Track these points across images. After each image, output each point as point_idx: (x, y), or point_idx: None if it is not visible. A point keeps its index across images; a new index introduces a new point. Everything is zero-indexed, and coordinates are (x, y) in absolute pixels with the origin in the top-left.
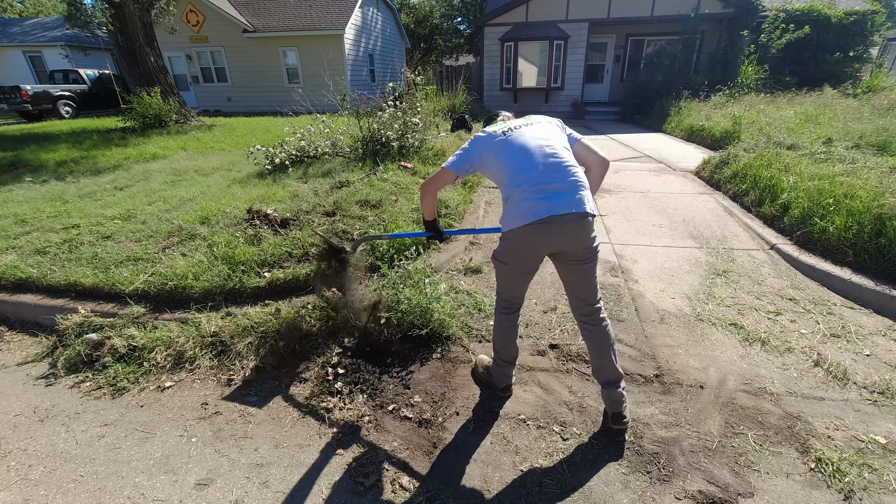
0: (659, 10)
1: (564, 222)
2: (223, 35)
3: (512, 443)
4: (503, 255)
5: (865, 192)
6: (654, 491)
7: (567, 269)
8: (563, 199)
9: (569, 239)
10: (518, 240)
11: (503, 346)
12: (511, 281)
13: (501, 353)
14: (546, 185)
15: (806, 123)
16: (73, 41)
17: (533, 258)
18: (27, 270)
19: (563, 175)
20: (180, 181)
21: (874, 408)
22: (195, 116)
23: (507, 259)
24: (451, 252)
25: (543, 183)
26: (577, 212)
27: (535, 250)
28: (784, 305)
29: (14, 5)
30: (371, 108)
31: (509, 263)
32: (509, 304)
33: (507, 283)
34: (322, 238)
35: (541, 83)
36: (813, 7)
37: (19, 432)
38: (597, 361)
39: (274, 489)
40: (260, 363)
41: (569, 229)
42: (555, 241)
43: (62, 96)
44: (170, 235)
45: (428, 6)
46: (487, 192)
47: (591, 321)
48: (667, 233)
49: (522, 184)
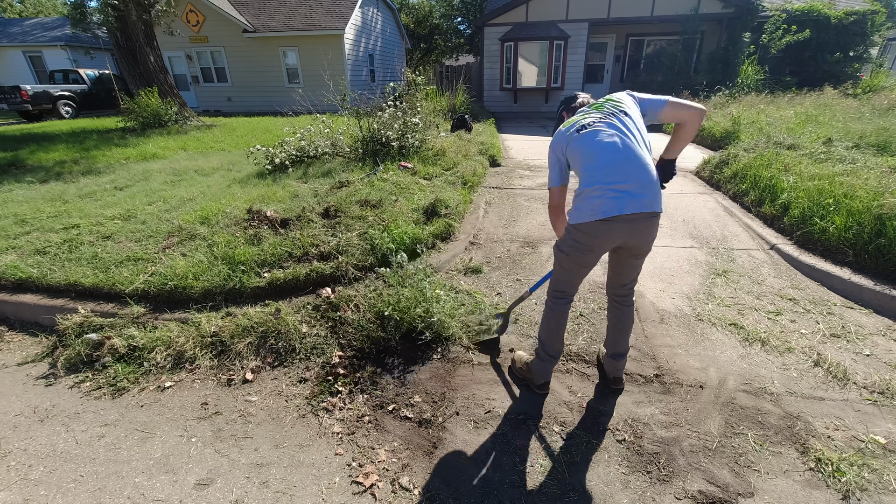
0: (659, 10)
1: (633, 221)
2: (223, 35)
3: (512, 443)
4: (567, 246)
5: (865, 192)
6: (654, 491)
7: (622, 260)
8: (634, 199)
9: (635, 236)
10: (584, 234)
11: (550, 337)
12: (570, 272)
13: (547, 346)
14: (617, 184)
15: (806, 123)
16: (73, 41)
17: (596, 253)
18: (27, 270)
19: (635, 174)
20: (180, 181)
21: (874, 408)
22: (195, 116)
23: (570, 251)
24: (451, 252)
25: (615, 182)
26: (645, 212)
27: (599, 245)
28: (784, 305)
29: (14, 5)
30: (371, 108)
31: (571, 255)
32: (563, 294)
33: (566, 274)
34: (481, 344)
35: (541, 83)
36: (813, 7)
37: (19, 432)
38: (614, 336)
39: (274, 489)
40: (260, 363)
41: (636, 228)
42: (620, 238)
43: (62, 96)
44: (170, 235)
45: (428, 6)
46: (487, 192)
47: (624, 302)
48: (667, 233)
49: (595, 182)
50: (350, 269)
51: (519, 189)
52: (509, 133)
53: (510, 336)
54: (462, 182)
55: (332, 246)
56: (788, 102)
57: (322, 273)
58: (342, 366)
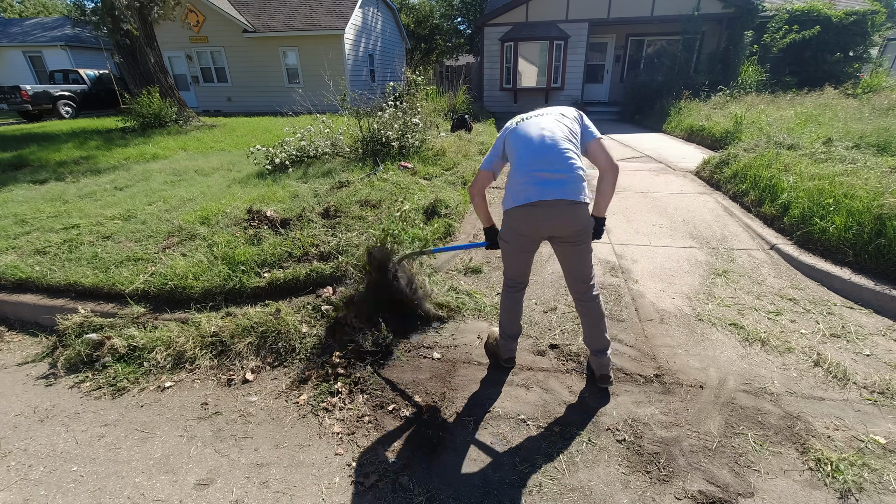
0: (659, 10)
1: (552, 207)
2: (223, 35)
3: (512, 443)
4: (503, 232)
5: (865, 192)
6: (654, 491)
7: (560, 251)
8: (553, 186)
9: (557, 223)
10: (512, 219)
11: (507, 322)
12: (512, 258)
13: (505, 329)
14: (539, 172)
15: (806, 123)
16: (73, 41)
17: (527, 238)
18: (27, 270)
19: (558, 164)
20: (180, 181)
21: (874, 408)
22: (195, 116)
23: (506, 237)
24: (451, 252)
25: (537, 170)
26: (564, 199)
27: (529, 229)
28: (784, 305)
29: (14, 5)
30: (371, 108)
31: (509, 241)
32: (513, 282)
33: (510, 260)
34: (368, 253)
35: (541, 83)
36: (813, 7)
37: (19, 432)
38: (588, 332)
39: (274, 489)
40: (260, 363)
41: (556, 214)
42: (544, 224)
43: (62, 96)
44: (170, 235)
45: (428, 6)
46: (488, 192)
47: (585, 297)
48: (667, 233)
49: (520, 169)
50: (350, 269)
51: None
52: None
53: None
54: (462, 182)
55: (332, 246)
56: (789, 102)
57: (322, 273)
58: (342, 366)
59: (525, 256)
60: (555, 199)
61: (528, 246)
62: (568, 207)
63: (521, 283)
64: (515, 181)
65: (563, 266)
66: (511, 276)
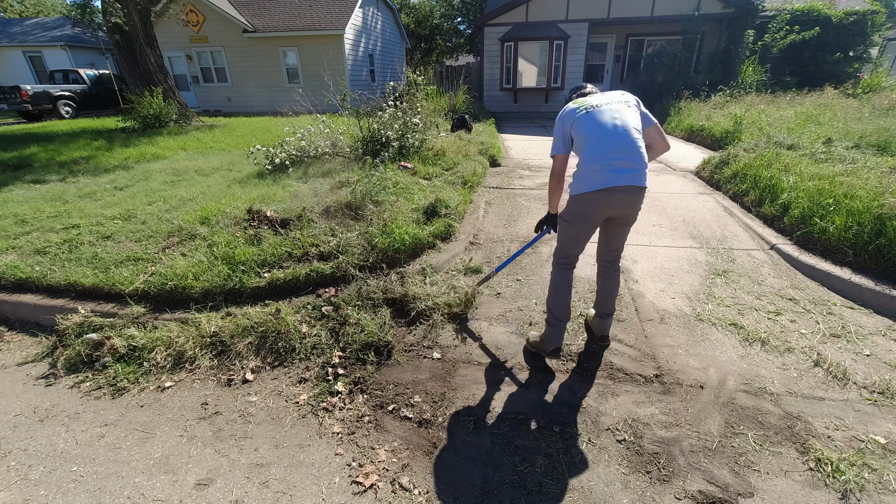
0: (659, 10)
1: (626, 192)
2: (223, 35)
3: (512, 443)
4: (570, 214)
5: (865, 192)
6: (654, 491)
7: (613, 228)
8: (628, 173)
9: (627, 205)
10: (582, 203)
11: (556, 302)
12: (573, 238)
13: (555, 311)
14: (615, 160)
15: (806, 123)
16: (73, 41)
17: (594, 219)
18: (27, 270)
19: (630, 153)
20: (180, 181)
21: (874, 408)
22: (195, 116)
23: (572, 218)
24: (451, 252)
25: (613, 158)
26: (637, 185)
27: (597, 213)
28: (784, 305)
29: (14, 5)
30: (371, 108)
31: (572, 222)
32: (567, 259)
33: (570, 240)
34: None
35: (541, 83)
36: (813, 7)
37: (19, 432)
38: (602, 297)
39: (274, 489)
40: (260, 363)
41: (628, 198)
42: (615, 207)
43: (62, 96)
44: (170, 235)
45: (428, 6)
46: (488, 192)
47: (613, 267)
48: (667, 233)
49: (596, 156)
50: (350, 269)
51: (519, 189)
52: (509, 133)
53: (514, 336)
54: (462, 182)
55: (332, 246)
56: (789, 102)
57: (322, 273)
58: (342, 366)
59: (586, 236)
60: (629, 184)
61: (592, 227)
62: (638, 192)
63: (574, 260)
64: (590, 167)
65: (606, 240)
66: (568, 253)
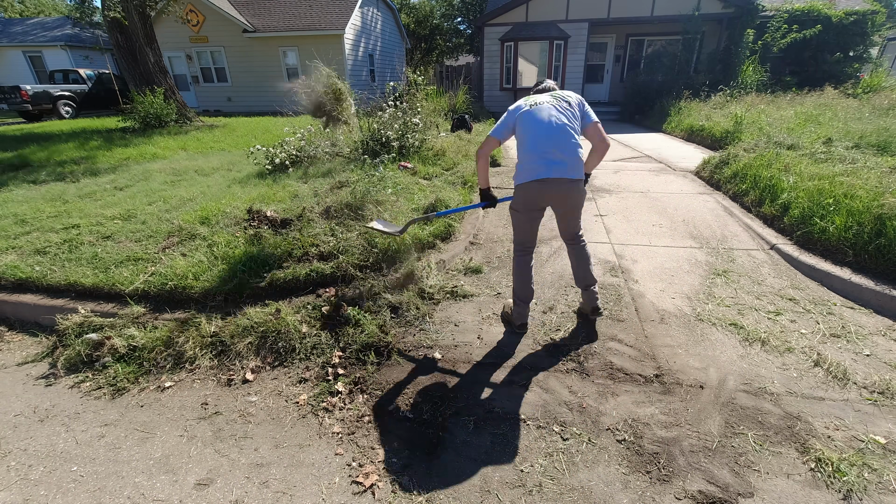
0: (659, 10)
1: (559, 183)
2: (223, 35)
3: (512, 443)
4: (516, 202)
5: (865, 192)
6: (654, 491)
7: (560, 217)
8: (561, 166)
9: (561, 196)
10: (523, 191)
11: (520, 286)
12: (523, 225)
13: (518, 293)
14: (549, 153)
15: (806, 123)
16: (73, 41)
17: (537, 208)
18: (27, 270)
19: (563, 148)
20: (180, 181)
21: (874, 408)
22: (195, 116)
23: (517, 206)
24: (451, 252)
25: (547, 152)
26: (567, 177)
27: (537, 201)
28: (784, 305)
29: (14, 5)
30: (371, 108)
31: (520, 210)
32: (522, 246)
33: (520, 227)
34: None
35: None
36: (813, 7)
37: (19, 432)
38: (578, 271)
39: (274, 489)
40: (260, 363)
41: (561, 189)
42: (552, 197)
43: (62, 96)
44: (170, 235)
45: (428, 6)
46: None
47: (577, 242)
48: (667, 233)
49: (532, 150)
50: (350, 269)
51: None
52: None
53: (513, 336)
54: (462, 182)
55: (332, 246)
56: (789, 102)
57: (322, 273)
58: (342, 366)
59: (532, 223)
60: (561, 177)
61: (535, 214)
62: (569, 184)
63: (529, 246)
64: (528, 160)
65: (559, 225)
66: (521, 240)
